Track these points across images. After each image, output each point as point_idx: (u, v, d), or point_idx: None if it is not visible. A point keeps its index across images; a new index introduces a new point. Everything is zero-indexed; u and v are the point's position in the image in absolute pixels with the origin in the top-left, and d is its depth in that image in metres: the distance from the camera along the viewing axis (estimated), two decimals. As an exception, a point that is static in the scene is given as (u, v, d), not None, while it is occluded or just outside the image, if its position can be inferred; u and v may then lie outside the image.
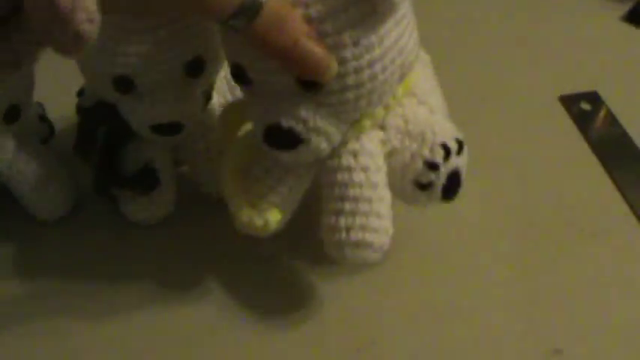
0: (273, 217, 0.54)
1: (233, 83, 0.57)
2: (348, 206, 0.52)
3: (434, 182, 0.53)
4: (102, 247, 0.63)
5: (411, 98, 0.54)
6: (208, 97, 0.59)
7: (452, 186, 0.53)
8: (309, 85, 0.48)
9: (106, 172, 0.61)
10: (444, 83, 0.56)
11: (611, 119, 0.73)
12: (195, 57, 0.54)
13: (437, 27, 0.60)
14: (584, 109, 0.74)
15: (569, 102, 0.75)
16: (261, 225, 0.54)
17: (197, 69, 0.55)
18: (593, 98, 0.76)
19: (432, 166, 0.52)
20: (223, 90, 0.64)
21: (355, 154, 0.53)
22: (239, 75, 0.50)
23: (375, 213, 0.52)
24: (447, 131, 0.53)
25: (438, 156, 0.52)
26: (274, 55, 0.47)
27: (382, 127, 0.54)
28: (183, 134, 0.57)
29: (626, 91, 0.76)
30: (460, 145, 0.53)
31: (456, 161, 0.53)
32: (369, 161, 0.53)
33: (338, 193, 0.53)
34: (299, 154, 0.51)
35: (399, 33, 0.49)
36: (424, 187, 0.53)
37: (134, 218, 0.63)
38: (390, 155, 0.54)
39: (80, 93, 0.65)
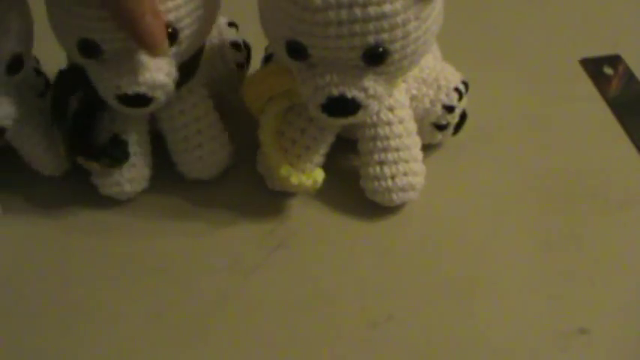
0: (319, 177, 0.58)
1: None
2: (390, 156, 0.58)
3: (450, 122, 0.61)
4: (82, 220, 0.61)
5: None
6: (188, 72, 0.57)
7: (461, 123, 0.62)
8: (374, 59, 0.51)
9: (75, 140, 0.58)
10: (461, 45, 0.59)
11: (635, 83, 0.72)
12: (167, 25, 0.52)
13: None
14: (607, 73, 0.72)
15: (591, 65, 0.73)
16: (311, 185, 0.57)
17: (170, 37, 0.53)
18: (616, 62, 0.74)
19: (449, 109, 0.60)
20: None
21: (392, 109, 0.58)
22: (297, 51, 0.52)
23: (413, 158, 0.58)
24: (455, 75, 0.61)
25: (454, 100, 0.60)
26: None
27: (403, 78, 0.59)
28: (152, 108, 0.55)
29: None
30: (466, 86, 0.61)
31: (465, 101, 0.61)
32: (403, 113, 0.58)
33: (380, 145, 0.58)
34: (355, 119, 0.54)
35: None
36: (441, 127, 0.61)
37: (104, 192, 0.61)
38: (410, 102, 0.59)
39: None
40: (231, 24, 0.66)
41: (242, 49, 0.64)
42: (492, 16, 0.77)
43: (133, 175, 0.60)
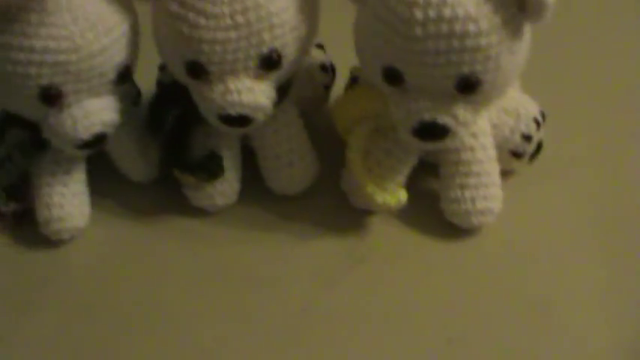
0: (403, 196, 0.61)
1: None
2: (472, 180, 0.61)
3: (527, 151, 0.63)
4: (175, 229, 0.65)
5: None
6: (283, 93, 0.60)
7: (537, 151, 0.64)
8: (467, 88, 0.54)
9: (171, 154, 0.62)
10: (539, 76, 0.61)
11: None
12: (272, 50, 0.56)
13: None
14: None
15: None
16: (395, 203, 0.60)
17: (273, 63, 0.57)
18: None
19: (528, 138, 0.63)
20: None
21: (475, 135, 0.60)
22: (393, 76, 0.55)
23: (492, 183, 0.61)
24: (533, 106, 0.64)
25: (532, 129, 0.63)
26: None
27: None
28: (250, 127, 0.59)
29: None
30: (543, 116, 0.63)
31: (542, 131, 0.63)
32: (485, 140, 0.61)
33: (462, 170, 0.61)
34: (442, 144, 0.58)
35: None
36: (519, 155, 0.63)
37: (196, 204, 0.64)
38: (491, 130, 0.62)
39: (162, 68, 0.67)
40: (319, 46, 0.69)
41: (329, 71, 0.67)
42: (571, 48, 0.79)
43: (224, 188, 0.63)
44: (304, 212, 0.64)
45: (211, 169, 0.61)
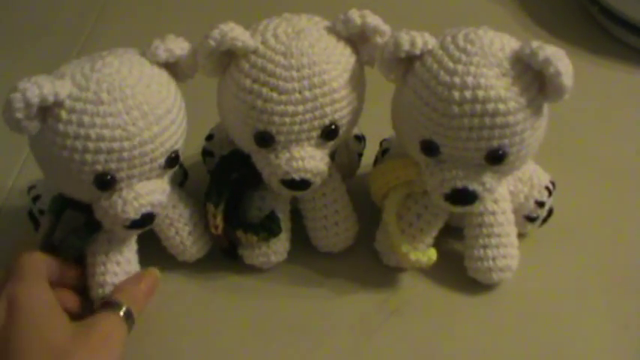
0: (433, 255, 0.67)
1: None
2: (493, 241, 0.68)
3: (539, 215, 0.71)
4: (229, 285, 0.70)
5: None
6: (332, 159, 0.66)
7: (548, 216, 0.72)
8: (495, 159, 0.61)
9: (234, 216, 0.67)
10: (547, 148, 0.67)
11: None
12: (332, 122, 0.63)
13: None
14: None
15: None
16: (426, 261, 0.67)
17: (332, 133, 0.63)
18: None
19: (541, 204, 0.70)
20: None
21: (496, 201, 0.68)
22: (430, 148, 0.62)
23: (511, 243, 0.68)
24: (545, 175, 0.71)
25: (544, 197, 0.70)
26: None
27: (504, 176, 0.69)
28: (308, 190, 0.65)
29: None
30: (554, 185, 0.71)
31: (552, 198, 0.71)
32: (505, 205, 0.68)
33: (486, 231, 0.68)
34: (470, 208, 0.65)
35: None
36: (532, 219, 0.71)
37: (251, 262, 0.69)
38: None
39: (209, 137, 0.73)
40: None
41: (361, 140, 0.75)
42: (577, 124, 0.86)
43: (277, 247, 0.69)
44: (343, 268, 0.71)
45: (272, 228, 0.67)
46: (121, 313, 0.61)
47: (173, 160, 0.62)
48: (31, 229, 0.68)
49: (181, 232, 0.68)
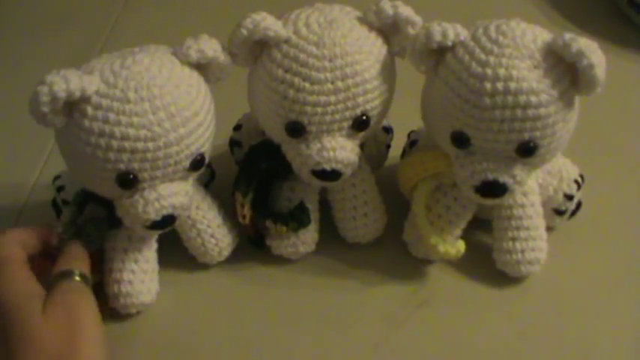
0: (462, 247, 0.67)
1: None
2: (522, 234, 0.68)
3: (568, 209, 0.71)
4: (256, 275, 0.71)
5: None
6: (361, 149, 0.66)
7: (576, 210, 0.72)
8: (526, 152, 0.61)
9: (261, 207, 0.67)
10: (577, 141, 0.67)
11: None
12: (363, 113, 0.63)
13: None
14: None
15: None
16: (454, 253, 0.67)
17: (363, 124, 0.63)
18: None
19: (569, 198, 0.70)
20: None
21: (526, 194, 0.68)
22: (461, 140, 0.62)
23: (539, 236, 0.68)
24: (574, 168, 0.71)
25: (573, 190, 0.70)
26: None
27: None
28: (338, 181, 0.65)
29: None
30: (582, 178, 0.71)
31: (581, 192, 0.71)
32: (534, 198, 0.68)
33: (514, 224, 0.68)
34: (500, 201, 0.65)
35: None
36: (560, 212, 0.71)
37: (279, 252, 0.69)
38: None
39: (237, 127, 0.73)
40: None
41: (389, 132, 0.75)
42: (607, 117, 0.86)
43: (306, 238, 0.69)
44: (371, 260, 0.71)
45: (301, 219, 0.67)
46: (77, 278, 0.59)
47: (198, 162, 0.62)
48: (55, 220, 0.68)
49: (203, 234, 0.68)
